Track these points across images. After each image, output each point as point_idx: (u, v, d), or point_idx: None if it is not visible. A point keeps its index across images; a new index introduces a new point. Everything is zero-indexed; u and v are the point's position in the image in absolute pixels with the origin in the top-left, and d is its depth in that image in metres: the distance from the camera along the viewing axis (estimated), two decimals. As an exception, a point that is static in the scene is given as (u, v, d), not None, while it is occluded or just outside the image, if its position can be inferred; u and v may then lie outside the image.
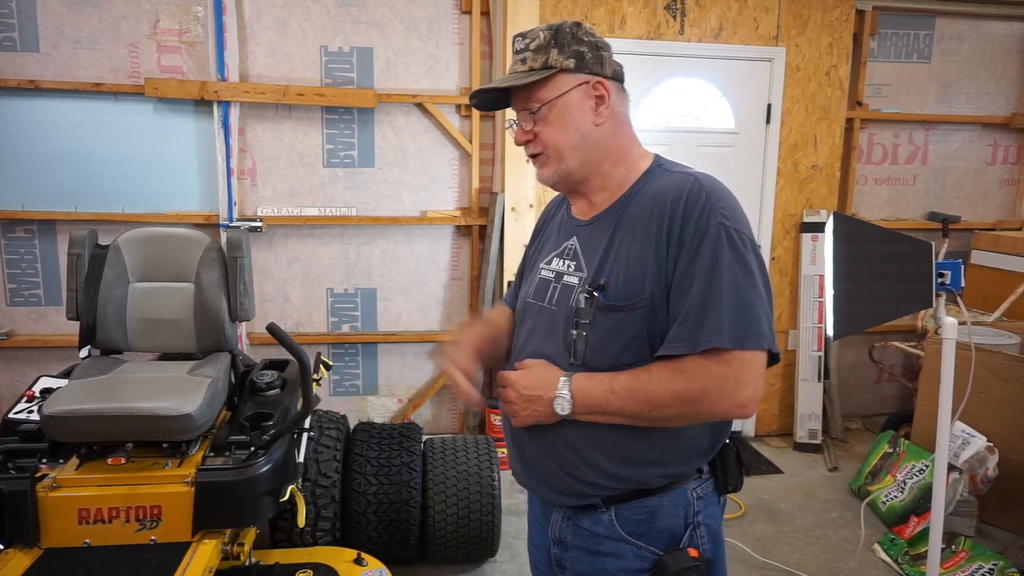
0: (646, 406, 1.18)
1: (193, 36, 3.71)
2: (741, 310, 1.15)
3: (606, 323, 1.23)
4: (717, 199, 1.20)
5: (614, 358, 1.23)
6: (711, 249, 1.16)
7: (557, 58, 1.28)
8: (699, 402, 1.16)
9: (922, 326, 4.23)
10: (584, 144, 1.30)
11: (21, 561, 2.04)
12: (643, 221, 1.24)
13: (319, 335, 4.08)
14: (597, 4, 3.89)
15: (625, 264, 1.23)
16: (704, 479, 1.31)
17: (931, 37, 4.46)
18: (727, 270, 1.16)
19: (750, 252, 1.19)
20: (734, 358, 1.14)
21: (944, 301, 2.22)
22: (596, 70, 1.29)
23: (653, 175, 1.31)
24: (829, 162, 4.28)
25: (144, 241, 2.62)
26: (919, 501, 3.18)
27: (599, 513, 1.30)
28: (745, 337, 1.14)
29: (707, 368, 1.14)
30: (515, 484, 3.68)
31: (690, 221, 1.19)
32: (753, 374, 1.15)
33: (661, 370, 1.18)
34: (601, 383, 1.21)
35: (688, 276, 1.17)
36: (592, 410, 1.22)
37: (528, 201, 3.93)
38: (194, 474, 2.16)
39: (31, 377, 2.94)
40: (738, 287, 1.15)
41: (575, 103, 1.29)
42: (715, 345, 1.13)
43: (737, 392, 1.14)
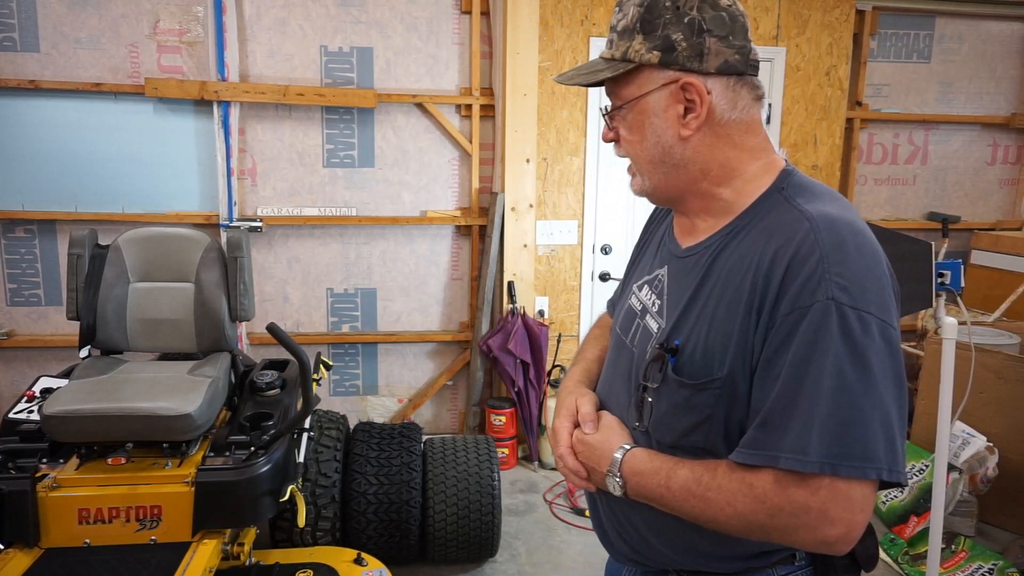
0: (702, 516, 0.95)
1: (193, 36, 3.71)
2: (842, 421, 0.85)
3: (674, 396, 0.99)
4: (836, 261, 0.88)
5: (680, 436, 1.00)
6: (811, 333, 0.87)
7: (639, 49, 0.99)
8: (768, 530, 0.90)
9: (922, 326, 4.23)
10: (667, 160, 1.02)
11: (21, 561, 2.04)
12: (737, 276, 0.95)
13: (319, 335, 4.08)
14: (597, 4, 3.89)
15: (709, 327, 0.97)
16: (798, 566, 1.04)
17: (931, 37, 4.46)
18: (830, 365, 0.86)
19: (874, 342, 0.87)
20: (822, 485, 0.85)
21: (944, 301, 2.23)
22: (691, 65, 0.97)
23: (769, 203, 0.99)
24: (829, 162, 4.28)
25: (144, 241, 2.62)
26: (919, 501, 3.18)
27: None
28: (840, 461, 0.85)
29: (783, 492, 0.87)
30: (515, 484, 3.70)
31: (789, 290, 0.89)
32: (846, 509, 0.86)
33: (728, 479, 0.92)
34: (657, 475, 0.99)
35: (776, 365, 0.89)
36: (645, 499, 1.02)
37: (528, 201, 3.93)
38: (194, 474, 2.16)
39: (31, 377, 2.94)
40: (843, 389, 0.85)
41: (657, 108, 1.00)
42: (795, 467, 0.86)
43: (821, 528, 0.87)
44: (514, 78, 3.79)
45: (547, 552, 3.06)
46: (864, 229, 0.94)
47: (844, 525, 0.87)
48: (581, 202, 4.06)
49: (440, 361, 4.25)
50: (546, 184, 4.01)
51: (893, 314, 0.91)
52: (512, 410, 3.92)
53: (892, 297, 0.92)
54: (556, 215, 4.05)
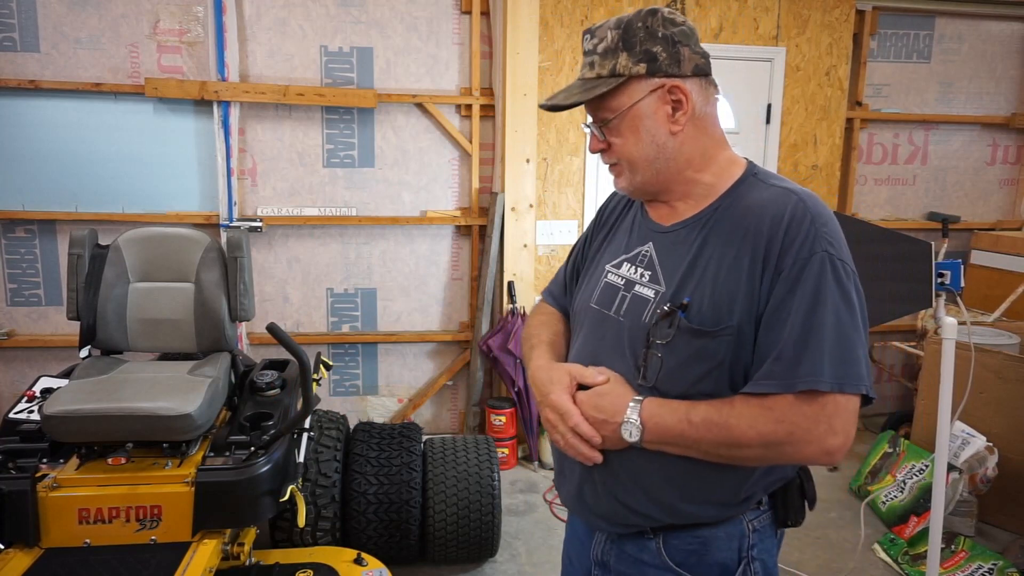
0: (725, 443, 1.08)
1: (193, 36, 3.71)
2: (842, 350, 1.05)
3: (686, 347, 1.12)
4: (823, 223, 1.09)
5: (690, 385, 1.13)
6: (814, 280, 1.06)
7: (626, 63, 1.15)
8: (784, 445, 1.06)
9: (922, 326, 4.23)
10: (661, 155, 1.18)
11: (21, 561, 2.04)
12: (736, 238, 1.12)
13: (319, 335, 4.08)
14: (597, 4, 3.89)
15: (713, 284, 1.12)
16: (762, 511, 1.21)
17: (931, 37, 4.46)
18: (831, 305, 1.05)
19: (853, 286, 1.09)
20: (828, 401, 1.04)
21: (944, 301, 2.23)
22: (673, 71, 1.15)
23: (747, 185, 1.18)
24: (829, 162, 4.28)
25: (144, 241, 2.62)
26: (919, 501, 3.18)
27: (646, 540, 1.22)
28: (844, 380, 1.04)
29: (799, 410, 1.04)
30: (515, 484, 3.70)
31: (792, 246, 1.08)
32: (846, 420, 1.05)
33: (746, 406, 1.07)
34: (676, 412, 1.11)
35: (785, 308, 1.07)
36: (664, 440, 1.12)
37: (528, 201, 3.93)
38: (194, 474, 2.16)
39: (31, 377, 2.95)
40: (841, 324, 1.05)
41: (649, 112, 1.16)
42: (813, 387, 1.03)
43: (827, 438, 1.05)
44: (514, 78, 3.79)
45: (547, 552, 3.06)
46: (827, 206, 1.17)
47: (843, 435, 1.06)
48: (581, 202, 4.06)
49: (440, 361, 4.25)
50: (546, 184, 4.01)
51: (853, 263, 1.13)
52: (512, 410, 3.92)
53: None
54: (556, 215, 4.05)
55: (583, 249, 1.44)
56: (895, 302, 2.26)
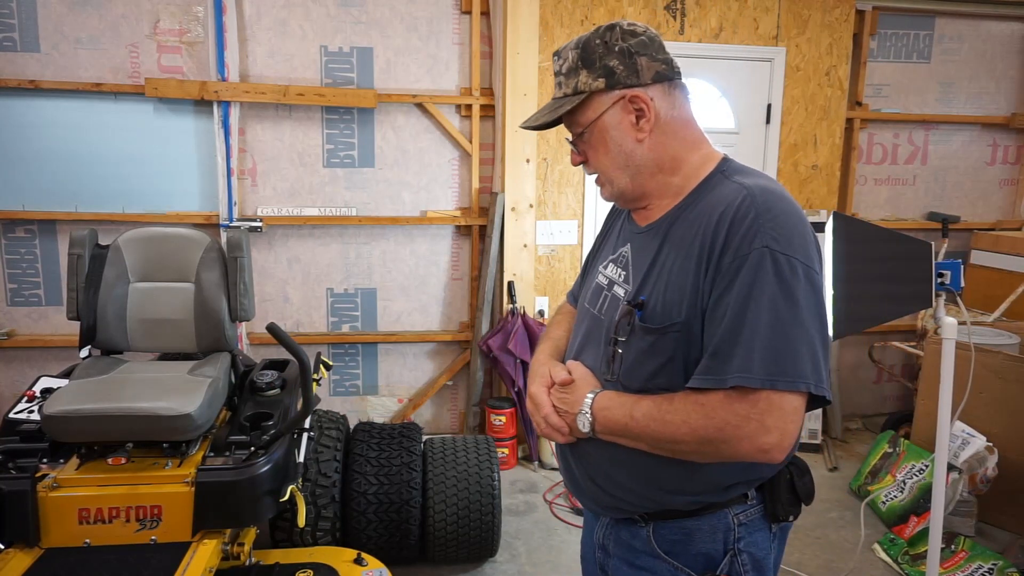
0: (663, 438, 1.12)
1: (193, 36, 3.71)
2: (776, 345, 1.04)
3: (640, 343, 1.17)
4: (769, 219, 1.08)
5: (646, 380, 1.17)
6: (750, 276, 1.06)
7: (586, 80, 1.20)
8: (717, 442, 1.08)
9: (922, 326, 4.23)
10: (630, 163, 1.22)
11: (21, 561, 2.04)
12: (688, 238, 1.15)
13: (319, 335, 4.08)
14: (597, 4, 3.89)
15: (666, 284, 1.16)
16: (750, 505, 1.22)
17: (931, 37, 4.46)
18: (766, 300, 1.05)
19: (800, 281, 1.07)
20: (760, 399, 1.04)
21: (944, 301, 2.23)
22: (631, 82, 1.19)
23: (712, 183, 1.20)
24: (829, 162, 4.28)
25: (144, 241, 2.62)
26: (919, 501, 3.18)
27: (638, 527, 1.27)
28: (777, 376, 1.04)
29: (729, 407, 1.06)
30: (515, 484, 3.70)
31: (731, 243, 1.09)
32: (780, 418, 1.05)
33: (683, 402, 1.10)
34: (623, 406, 1.16)
35: (722, 305, 1.08)
36: (612, 432, 1.18)
37: (528, 201, 3.93)
38: (194, 474, 2.16)
39: (31, 377, 2.94)
40: (777, 321, 1.05)
41: (613, 123, 1.21)
42: (742, 383, 1.04)
43: (759, 436, 1.05)
44: (514, 78, 3.79)
45: (547, 552, 3.06)
46: (790, 198, 1.15)
47: (778, 432, 1.05)
48: (581, 202, 4.06)
49: (440, 361, 4.25)
50: (546, 184, 4.01)
51: (815, 261, 1.10)
52: (512, 410, 3.92)
53: (814, 250, 1.12)
54: (556, 215, 4.05)
55: (591, 253, 1.51)
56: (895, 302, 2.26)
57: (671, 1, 3.96)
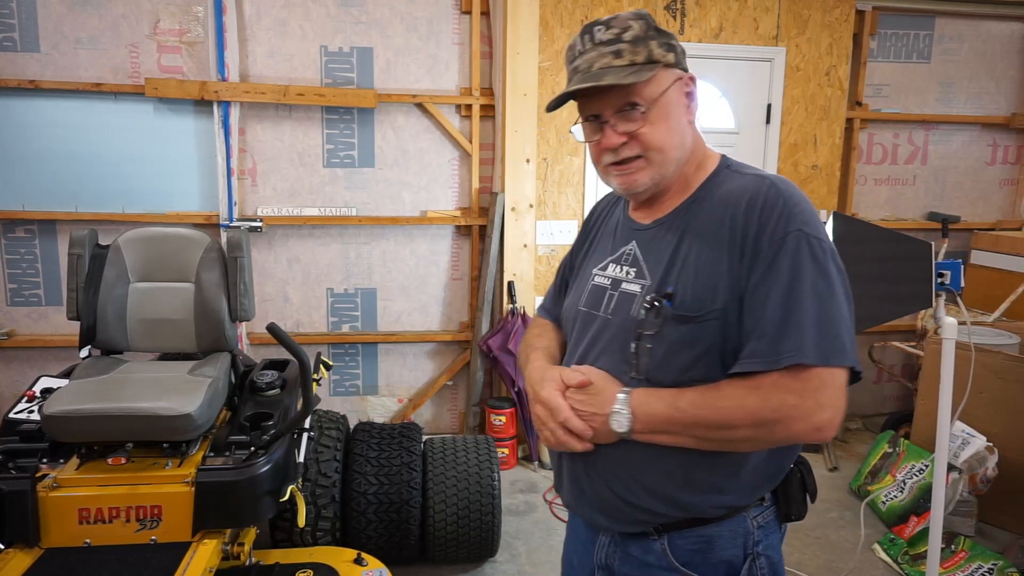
0: (714, 426, 1.09)
1: (193, 36, 3.71)
2: (824, 324, 1.06)
3: (673, 335, 1.13)
4: (795, 204, 1.11)
5: (681, 373, 1.14)
6: (790, 259, 1.08)
7: (660, 52, 1.17)
8: (774, 424, 1.06)
9: (922, 326, 4.23)
10: (684, 145, 1.21)
11: (21, 561, 2.04)
12: (714, 226, 1.15)
13: (319, 335, 4.08)
14: (597, 4, 3.89)
15: (695, 272, 1.14)
16: (766, 507, 1.21)
17: (931, 37, 4.46)
18: (808, 282, 1.07)
19: (830, 261, 1.10)
20: (814, 376, 1.05)
21: (944, 301, 2.23)
22: (684, 64, 1.22)
23: (721, 177, 1.22)
24: (829, 162, 4.28)
25: (144, 241, 2.62)
26: (919, 501, 3.18)
27: (650, 541, 1.21)
28: (829, 354, 1.05)
29: (785, 387, 1.05)
30: (515, 484, 3.70)
31: (766, 228, 1.10)
32: (834, 395, 1.05)
33: (733, 387, 1.08)
34: (663, 399, 1.12)
35: (764, 288, 1.09)
36: (654, 429, 1.13)
37: (528, 201, 3.93)
38: (194, 474, 2.16)
39: (31, 377, 2.94)
40: (821, 300, 1.07)
41: (675, 100, 1.19)
42: (798, 361, 1.04)
43: (816, 414, 1.05)
44: (514, 78, 3.79)
45: (547, 552, 3.06)
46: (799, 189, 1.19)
47: (832, 409, 1.06)
48: (581, 202, 4.06)
49: (440, 361, 4.25)
50: (546, 184, 4.01)
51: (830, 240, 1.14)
52: (512, 410, 3.92)
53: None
54: (556, 215, 4.05)
55: (570, 261, 1.47)
56: (895, 302, 2.26)
57: (671, 1, 3.96)
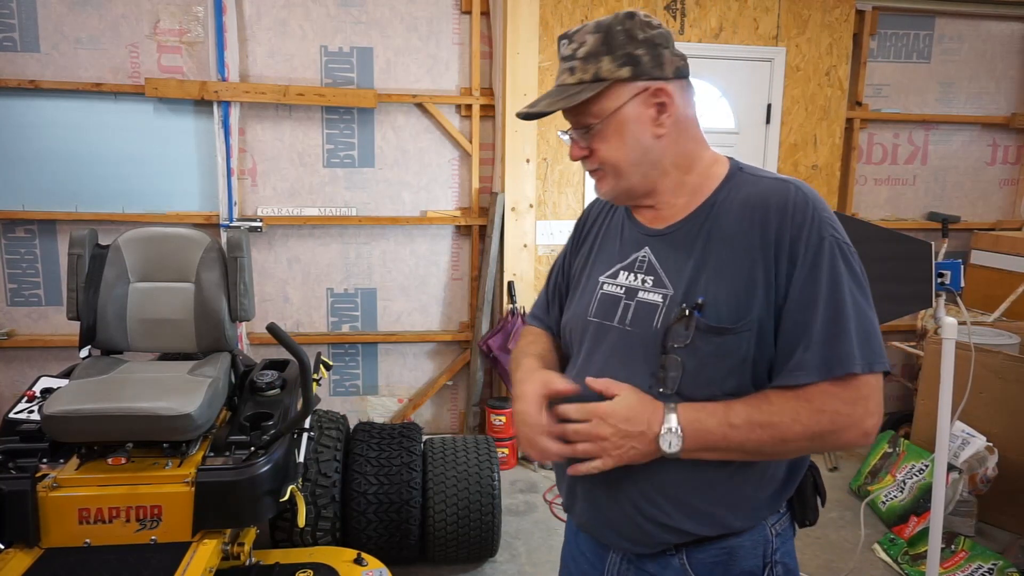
0: (771, 441, 1.06)
1: (193, 36, 3.71)
2: (865, 330, 1.06)
3: (706, 347, 1.09)
4: (823, 208, 1.10)
5: (716, 386, 1.09)
6: (829, 266, 1.06)
7: (609, 67, 1.12)
8: (828, 435, 1.06)
9: (922, 326, 4.23)
10: (645, 159, 1.16)
11: (21, 561, 2.04)
12: (741, 232, 1.11)
13: (319, 335, 4.08)
14: (597, 4, 3.89)
15: (728, 280, 1.10)
16: (782, 514, 1.20)
17: (931, 37, 4.46)
18: (847, 289, 1.06)
19: (858, 265, 1.10)
20: (863, 384, 1.05)
21: (944, 301, 2.23)
22: (656, 74, 1.13)
23: (737, 181, 1.17)
24: (829, 162, 4.28)
25: (144, 241, 2.62)
26: (919, 501, 3.18)
27: (668, 557, 1.17)
28: (873, 361, 1.05)
29: (837, 396, 1.04)
30: (515, 484, 3.70)
31: (801, 234, 1.07)
32: (879, 400, 1.06)
33: (784, 400, 1.06)
34: (715, 415, 1.06)
35: (807, 296, 1.06)
36: (705, 446, 1.07)
37: (528, 201, 3.93)
38: (194, 474, 2.16)
39: (31, 377, 2.94)
40: (859, 306, 1.07)
41: (633, 116, 1.13)
42: (848, 371, 1.03)
43: (866, 420, 1.05)
44: (514, 78, 3.79)
45: (547, 552, 3.06)
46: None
47: (878, 414, 1.07)
48: (581, 202, 4.06)
49: (440, 361, 4.25)
50: (546, 184, 4.01)
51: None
52: (512, 410, 3.91)
53: None
54: (556, 215, 4.05)
55: (563, 267, 1.39)
56: (895, 302, 2.26)
57: (671, 1, 3.96)
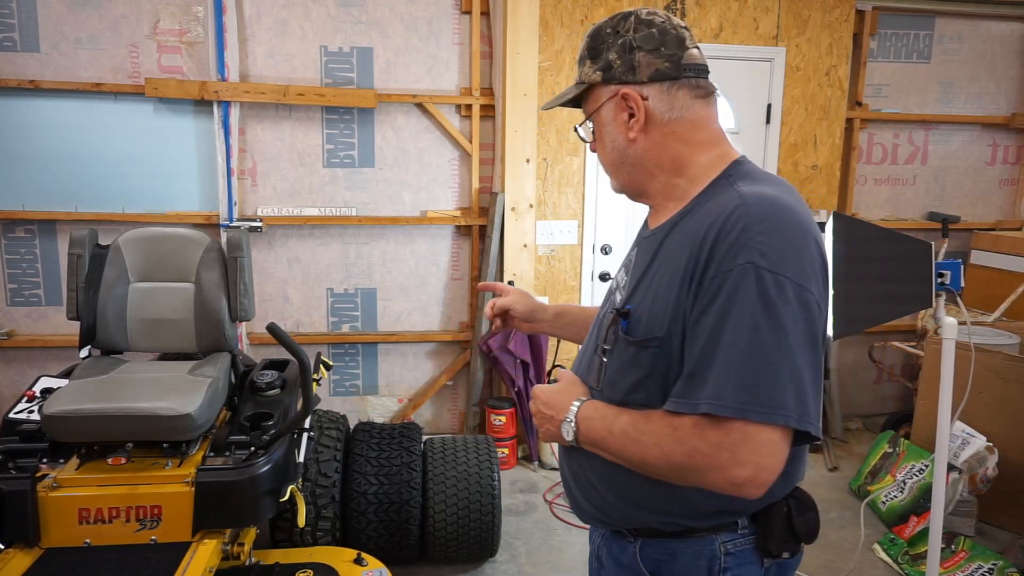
0: (636, 458, 1.07)
1: (193, 36, 3.71)
2: (754, 373, 0.95)
3: (624, 355, 1.13)
4: (759, 232, 0.98)
5: (625, 394, 1.12)
6: (729, 295, 0.97)
7: (588, 71, 1.17)
8: (687, 470, 1.01)
9: (922, 326, 4.23)
10: (624, 161, 1.18)
11: (21, 561, 2.04)
12: (678, 251, 1.08)
13: (319, 335, 4.08)
14: (597, 4, 3.89)
15: (654, 296, 1.10)
16: (740, 534, 1.13)
17: (931, 37, 4.46)
18: (746, 322, 0.96)
19: (789, 303, 0.96)
20: (733, 428, 0.96)
21: (944, 301, 2.23)
22: (627, 79, 1.13)
23: (716, 188, 1.11)
24: (829, 162, 4.28)
25: (144, 241, 2.62)
26: (919, 501, 3.18)
27: (626, 542, 1.22)
28: (751, 406, 0.95)
29: (700, 434, 0.98)
30: (515, 484, 3.70)
31: (715, 258, 1.00)
32: (754, 451, 0.95)
33: (659, 423, 1.04)
34: (604, 419, 1.12)
35: (701, 325, 1.01)
36: (593, 444, 1.14)
37: (528, 201, 3.93)
38: (194, 474, 2.16)
39: (31, 377, 2.94)
40: (756, 345, 0.95)
41: (609, 118, 1.17)
42: (713, 411, 0.96)
43: (731, 468, 0.96)
44: (514, 78, 3.79)
45: (547, 552, 3.06)
46: (794, 208, 1.05)
47: (752, 467, 0.96)
48: (581, 202, 4.06)
49: (440, 361, 4.25)
50: (546, 184, 4.01)
51: (812, 280, 1.00)
52: (512, 410, 3.92)
53: (815, 267, 1.02)
54: (556, 215, 4.05)
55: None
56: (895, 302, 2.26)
57: (671, 1, 3.96)
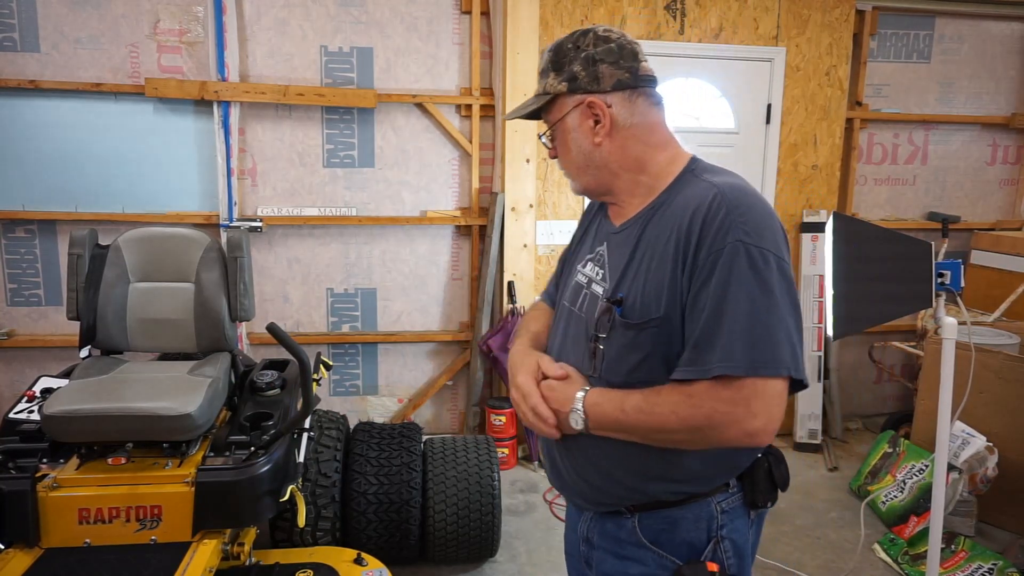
0: (653, 429, 1.17)
1: (193, 36, 3.71)
2: (756, 334, 1.09)
3: (621, 339, 1.22)
4: (739, 214, 1.13)
5: (627, 375, 1.22)
6: (726, 269, 1.11)
7: (553, 83, 1.29)
8: (705, 430, 1.12)
9: (922, 326, 4.23)
10: (590, 164, 1.30)
11: (21, 561, 2.04)
12: (663, 237, 1.20)
13: (319, 335, 4.08)
14: (597, 4, 3.89)
15: (644, 281, 1.21)
16: (731, 493, 1.28)
17: (931, 37, 4.46)
18: (743, 291, 1.10)
19: (773, 272, 1.12)
20: (745, 385, 1.09)
21: (944, 301, 2.23)
22: (591, 88, 1.26)
23: (683, 182, 1.26)
24: (829, 162, 4.28)
25: (144, 241, 2.62)
26: (919, 501, 3.18)
27: (624, 519, 1.30)
28: (759, 364, 1.09)
29: (715, 394, 1.10)
30: (515, 484, 3.70)
31: (705, 239, 1.14)
32: (766, 403, 1.10)
33: (671, 393, 1.15)
34: (613, 401, 1.20)
35: (701, 298, 1.13)
36: (604, 427, 1.22)
37: (528, 201, 3.93)
38: (194, 474, 2.16)
39: (31, 377, 2.94)
40: (754, 309, 1.10)
41: (574, 126, 1.29)
42: (726, 372, 1.09)
43: (746, 421, 1.10)
44: (514, 78, 3.79)
45: (547, 552, 3.06)
46: (757, 194, 1.21)
47: (764, 417, 1.11)
48: (581, 202, 4.06)
49: (440, 361, 4.25)
50: (546, 184, 4.01)
51: (784, 251, 1.16)
52: (512, 410, 3.92)
53: (782, 240, 1.18)
54: (556, 215, 4.05)
55: (566, 254, 1.55)
56: (895, 302, 2.26)
57: (671, 1, 3.96)
